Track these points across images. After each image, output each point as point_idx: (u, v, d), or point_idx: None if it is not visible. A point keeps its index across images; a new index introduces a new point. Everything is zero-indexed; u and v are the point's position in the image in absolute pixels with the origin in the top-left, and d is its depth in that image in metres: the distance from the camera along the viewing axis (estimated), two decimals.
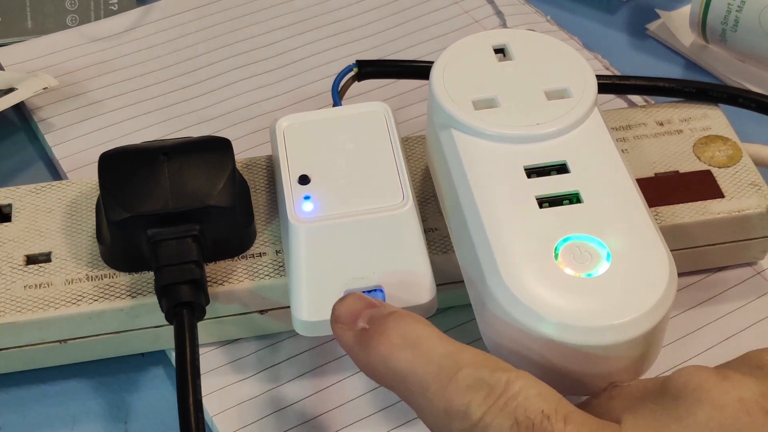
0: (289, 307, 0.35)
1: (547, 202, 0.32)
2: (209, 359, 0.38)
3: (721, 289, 0.41)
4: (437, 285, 0.35)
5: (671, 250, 0.32)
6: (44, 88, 0.46)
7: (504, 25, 0.53)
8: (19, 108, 0.49)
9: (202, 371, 0.34)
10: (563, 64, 0.37)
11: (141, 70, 0.50)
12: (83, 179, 0.40)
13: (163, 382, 0.38)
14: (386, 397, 0.37)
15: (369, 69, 0.44)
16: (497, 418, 0.27)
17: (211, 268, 0.37)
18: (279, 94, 0.49)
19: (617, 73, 0.50)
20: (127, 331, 0.37)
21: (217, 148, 0.38)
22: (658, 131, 0.43)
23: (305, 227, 0.35)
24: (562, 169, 0.34)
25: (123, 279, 0.37)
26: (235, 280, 0.37)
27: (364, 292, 0.34)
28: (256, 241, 0.38)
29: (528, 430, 0.26)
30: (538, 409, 0.27)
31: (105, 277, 0.37)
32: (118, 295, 0.37)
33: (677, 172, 0.41)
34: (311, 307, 0.34)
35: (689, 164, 0.41)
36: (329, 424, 0.37)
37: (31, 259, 0.38)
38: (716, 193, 0.40)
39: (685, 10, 0.53)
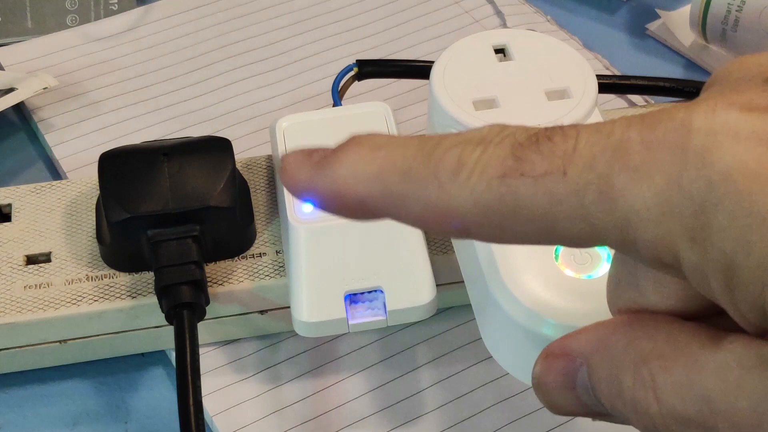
0: (289, 307, 0.35)
1: None
2: (209, 359, 0.38)
3: None
4: (437, 285, 0.35)
5: None
6: (44, 88, 0.46)
7: (504, 25, 0.53)
8: (19, 108, 0.49)
9: (202, 371, 0.34)
10: (563, 64, 0.37)
11: (141, 70, 0.50)
12: (83, 179, 0.40)
13: (163, 382, 0.38)
14: (386, 397, 0.37)
15: (369, 69, 0.44)
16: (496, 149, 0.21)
17: (211, 268, 0.37)
18: (279, 94, 0.49)
19: (617, 73, 0.50)
20: (127, 331, 0.37)
21: (217, 148, 0.38)
22: None
23: (305, 228, 0.35)
24: None
25: (123, 279, 0.37)
26: (235, 281, 0.37)
27: (364, 292, 0.34)
28: (256, 241, 0.38)
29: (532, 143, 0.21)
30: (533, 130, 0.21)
31: (105, 278, 0.37)
32: (118, 295, 0.36)
33: None
34: (311, 308, 0.34)
35: None
36: (329, 424, 0.37)
37: (31, 259, 0.38)
38: None
39: (685, 10, 0.53)
